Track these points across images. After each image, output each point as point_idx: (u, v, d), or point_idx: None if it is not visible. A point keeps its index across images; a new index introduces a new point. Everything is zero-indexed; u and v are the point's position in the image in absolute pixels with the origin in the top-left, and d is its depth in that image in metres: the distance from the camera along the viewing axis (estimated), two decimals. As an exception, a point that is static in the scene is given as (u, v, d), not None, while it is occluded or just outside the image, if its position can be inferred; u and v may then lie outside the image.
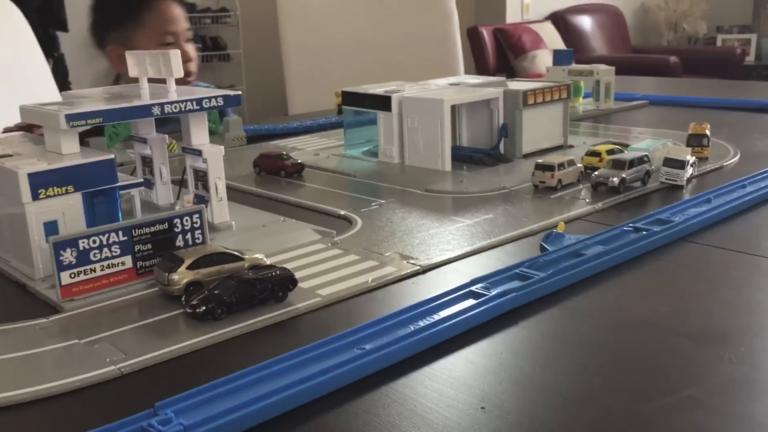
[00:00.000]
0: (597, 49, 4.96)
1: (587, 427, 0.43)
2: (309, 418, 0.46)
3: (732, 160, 1.05)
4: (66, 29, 4.15)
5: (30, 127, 1.00)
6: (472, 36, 4.46)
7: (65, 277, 0.62)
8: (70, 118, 0.69)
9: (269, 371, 0.49)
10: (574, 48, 4.76)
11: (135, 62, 0.85)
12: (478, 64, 4.48)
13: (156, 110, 0.74)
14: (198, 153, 0.80)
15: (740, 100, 1.51)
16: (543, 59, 4.38)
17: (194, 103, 0.77)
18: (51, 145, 0.73)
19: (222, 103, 0.79)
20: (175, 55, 0.80)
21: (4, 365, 0.53)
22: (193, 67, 1.53)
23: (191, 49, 1.56)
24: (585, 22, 5.00)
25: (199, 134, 0.81)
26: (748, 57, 5.05)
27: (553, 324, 0.57)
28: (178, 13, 1.54)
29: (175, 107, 0.76)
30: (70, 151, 0.71)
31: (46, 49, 4.19)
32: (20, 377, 0.51)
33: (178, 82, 0.83)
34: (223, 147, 0.81)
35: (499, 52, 4.51)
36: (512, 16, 4.88)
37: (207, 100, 0.78)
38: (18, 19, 1.91)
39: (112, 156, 0.71)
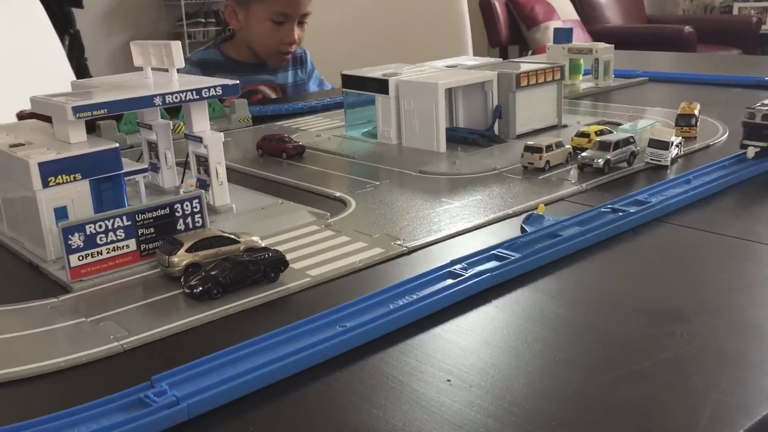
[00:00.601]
0: (611, 19, 4.92)
1: (544, 398, 0.47)
2: (291, 390, 0.50)
3: (720, 139, 1.08)
4: (81, 5, 4.19)
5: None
6: (484, 8, 4.45)
7: (74, 260, 0.67)
8: (76, 110, 0.73)
9: (257, 347, 0.54)
10: (588, 19, 4.75)
11: (139, 52, 0.89)
12: (491, 36, 4.47)
13: (158, 100, 0.78)
14: (199, 140, 0.85)
15: (740, 76, 1.52)
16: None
17: (194, 92, 0.81)
18: (60, 135, 0.77)
19: (221, 92, 0.83)
20: (176, 46, 0.84)
21: (19, 341, 0.58)
22: (293, 48, 1.77)
23: (300, 32, 1.75)
24: (599, -9, 4.95)
25: (200, 122, 0.85)
26: (764, 25, 4.99)
27: (525, 303, 0.61)
28: None
29: (176, 97, 0.80)
30: (78, 140, 0.76)
31: (61, 26, 4.24)
32: (33, 353, 0.56)
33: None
34: (222, 134, 0.86)
35: (512, 23, 4.49)
36: (525, -13, 4.85)
37: (206, 90, 0.82)
38: (32, 3, 1.95)
39: (117, 145, 0.75)
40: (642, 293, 0.61)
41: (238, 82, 0.85)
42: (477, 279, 0.63)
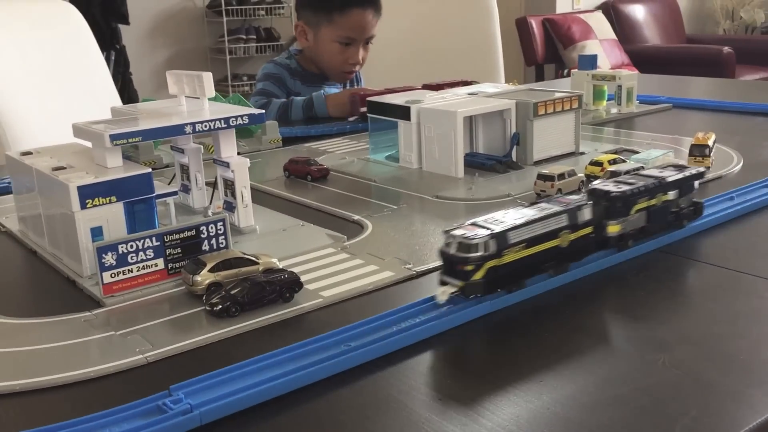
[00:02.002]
0: (649, 38, 4.92)
1: (523, 420, 0.51)
2: (295, 403, 0.55)
3: (733, 170, 1.11)
4: (127, 22, 4.34)
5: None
6: (520, 26, 4.48)
7: (107, 277, 0.73)
8: (113, 137, 0.79)
9: (268, 362, 0.59)
10: (626, 38, 4.75)
11: (174, 81, 0.95)
12: (527, 54, 4.50)
13: (188, 129, 0.84)
14: (226, 165, 0.90)
15: (764, 104, 1.54)
16: (592, 50, 4.37)
17: (222, 121, 0.87)
18: (98, 159, 0.84)
19: (247, 121, 0.88)
20: (207, 77, 0.90)
21: (54, 352, 0.64)
22: (357, 68, 1.93)
23: (363, 52, 1.90)
24: (637, 11, 4.96)
25: (228, 148, 0.91)
26: (807, 46, 4.93)
27: (520, 327, 0.65)
28: (367, 21, 1.85)
29: (205, 126, 0.86)
30: (114, 165, 0.82)
31: (108, 42, 4.38)
32: (66, 362, 0.62)
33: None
34: (248, 160, 0.91)
35: (548, 42, 4.52)
36: (562, 6, 4.88)
37: (234, 119, 0.87)
38: (78, 20, 2.04)
39: (150, 170, 0.81)
40: (630, 321, 0.65)
41: (264, 111, 0.91)
42: (480, 304, 0.67)
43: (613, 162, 1.05)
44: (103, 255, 0.73)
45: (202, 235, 0.78)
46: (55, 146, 0.95)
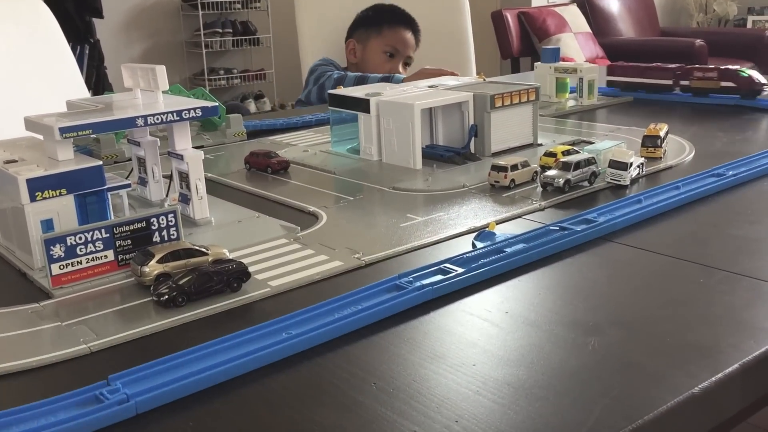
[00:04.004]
0: (624, 31, 4.95)
1: (452, 402, 0.52)
2: (232, 390, 0.56)
3: (685, 160, 1.13)
4: (101, 16, 4.31)
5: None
6: (496, 20, 4.50)
7: (55, 269, 0.74)
8: (63, 130, 0.80)
9: (209, 350, 0.60)
10: (600, 31, 4.78)
11: (129, 74, 0.96)
12: (502, 48, 4.52)
13: (140, 122, 0.85)
14: (181, 157, 0.91)
15: (722, 96, 1.56)
16: (567, 43, 4.40)
17: (175, 114, 0.87)
18: (49, 152, 0.84)
19: (200, 114, 0.89)
20: (161, 70, 0.91)
21: (0, 342, 0.65)
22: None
23: (403, 71, 2.22)
24: (611, 4, 4.99)
25: (182, 141, 0.92)
26: (778, 39, 4.98)
27: (458, 315, 0.67)
28: (407, 39, 2.23)
29: (157, 118, 0.86)
30: (65, 158, 0.82)
31: (82, 36, 4.34)
32: (9, 352, 0.62)
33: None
34: (202, 152, 0.92)
35: (523, 35, 4.54)
36: (538, -1, 4.90)
37: (186, 112, 0.88)
38: (46, 15, 2.03)
39: (100, 162, 0.82)
40: (568, 307, 0.67)
41: (217, 104, 0.92)
42: (419, 292, 0.68)
43: (567, 153, 1.07)
44: (51, 247, 0.73)
45: (153, 227, 0.79)
46: (10, 140, 0.95)
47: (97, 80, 4.26)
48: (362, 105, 1.19)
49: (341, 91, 1.25)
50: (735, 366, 0.55)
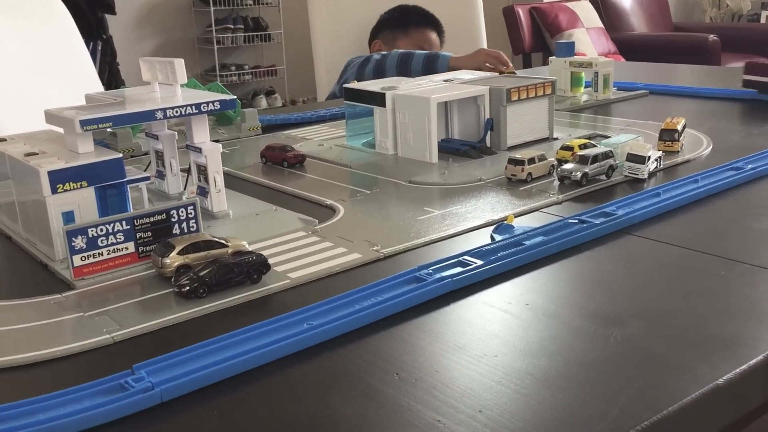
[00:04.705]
0: (636, 26, 4.93)
1: (475, 395, 0.53)
2: (255, 380, 0.56)
3: (702, 153, 1.12)
4: (113, 12, 4.33)
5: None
6: (507, 15, 4.49)
7: (77, 260, 0.74)
8: (83, 123, 0.80)
9: (231, 341, 0.60)
10: (612, 26, 4.76)
11: (147, 68, 0.96)
12: (514, 43, 4.51)
13: (159, 115, 0.85)
14: (199, 150, 0.91)
15: (737, 90, 1.55)
16: (579, 38, 4.39)
17: (194, 107, 0.88)
18: (70, 145, 0.85)
19: (219, 107, 0.89)
20: (179, 63, 0.91)
21: (23, 332, 0.65)
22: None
23: None
24: (624, -1, 4.97)
25: (200, 134, 0.92)
26: (792, 34, 4.95)
27: (479, 307, 0.67)
28: (433, 39, 2.33)
29: (177, 111, 0.87)
30: (85, 151, 0.83)
31: (95, 32, 4.36)
32: (34, 342, 0.63)
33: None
34: (220, 145, 0.92)
35: (535, 31, 4.53)
36: (550, -6, 4.87)
37: (205, 105, 0.88)
38: (60, 9, 2.04)
39: (121, 155, 0.82)
40: (588, 299, 0.67)
41: (235, 97, 0.92)
42: (439, 284, 0.68)
43: (584, 147, 1.06)
44: (73, 238, 0.74)
45: (173, 219, 0.79)
46: (29, 133, 0.96)
47: (110, 76, 4.27)
48: (378, 99, 1.19)
49: (356, 85, 1.26)
50: (759, 358, 0.54)
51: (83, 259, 0.75)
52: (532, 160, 1.01)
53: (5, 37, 1.85)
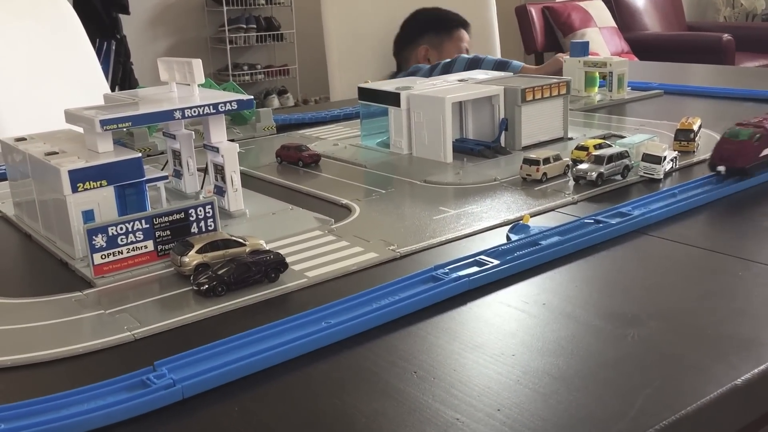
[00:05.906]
0: (649, 26, 4.91)
1: (493, 392, 0.53)
2: (275, 377, 0.57)
3: (718, 154, 1.12)
4: (128, 12, 4.35)
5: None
6: (520, 14, 4.48)
7: (97, 258, 0.75)
8: (103, 122, 0.81)
9: (249, 339, 0.61)
10: (626, 26, 4.75)
11: (165, 68, 0.97)
12: (526, 42, 4.50)
13: (177, 114, 0.86)
14: (216, 150, 0.92)
15: (753, 90, 1.55)
16: (592, 38, 4.37)
17: (211, 107, 0.88)
18: (90, 144, 0.85)
19: (236, 107, 0.90)
20: (197, 64, 0.92)
21: (45, 329, 0.66)
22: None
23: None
24: (637, -2, 4.95)
25: (217, 133, 0.93)
26: (807, 34, 4.92)
27: (496, 306, 0.67)
28: (469, 38, 2.39)
29: (195, 111, 0.87)
30: (105, 150, 0.84)
31: (108, 32, 4.39)
32: (56, 339, 0.64)
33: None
34: (237, 144, 0.93)
35: (548, 30, 4.52)
36: (563, -6, 4.86)
37: (222, 105, 0.89)
38: (66, 9, 2.04)
39: (140, 155, 0.83)
40: (605, 299, 0.67)
41: (252, 97, 0.93)
42: (456, 283, 0.69)
43: (599, 147, 1.07)
44: (94, 237, 0.74)
45: (191, 218, 0.80)
46: (49, 132, 0.97)
47: (124, 76, 4.30)
48: (392, 99, 1.19)
49: (371, 85, 1.26)
50: (777, 358, 0.55)
51: (103, 257, 0.75)
52: (547, 160, 1.01)
53: (12, 37, 1.86)
